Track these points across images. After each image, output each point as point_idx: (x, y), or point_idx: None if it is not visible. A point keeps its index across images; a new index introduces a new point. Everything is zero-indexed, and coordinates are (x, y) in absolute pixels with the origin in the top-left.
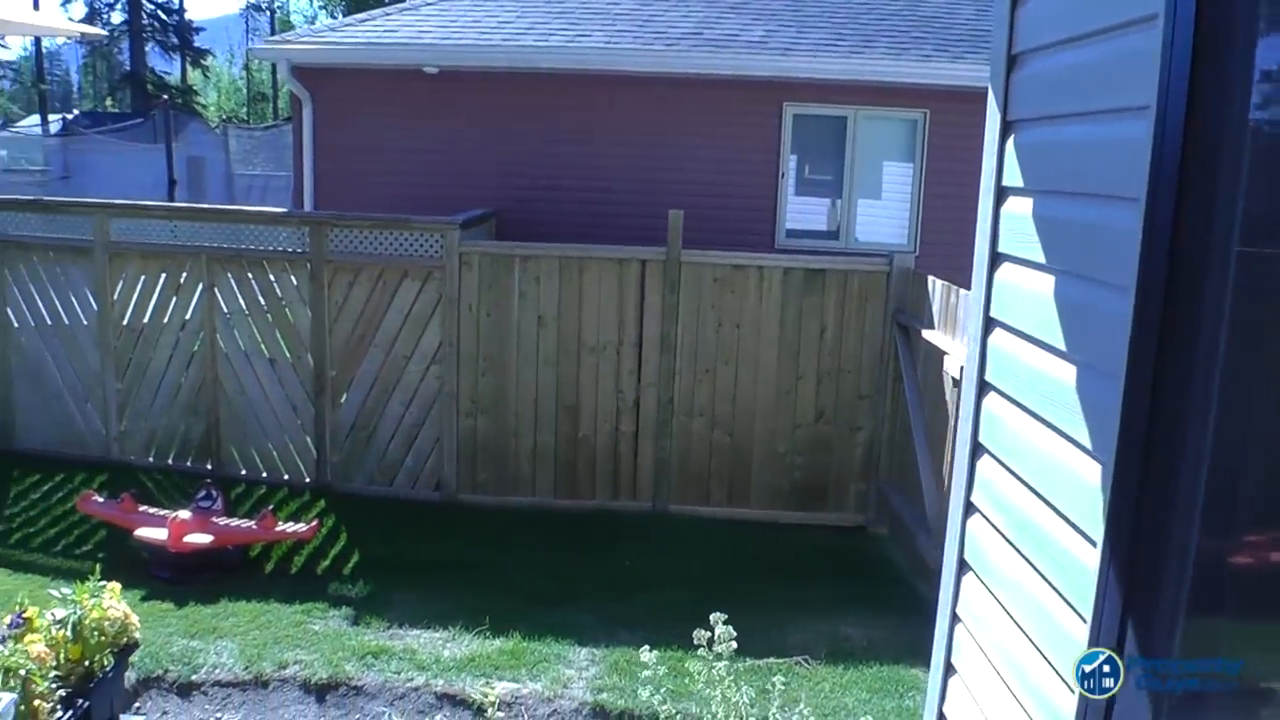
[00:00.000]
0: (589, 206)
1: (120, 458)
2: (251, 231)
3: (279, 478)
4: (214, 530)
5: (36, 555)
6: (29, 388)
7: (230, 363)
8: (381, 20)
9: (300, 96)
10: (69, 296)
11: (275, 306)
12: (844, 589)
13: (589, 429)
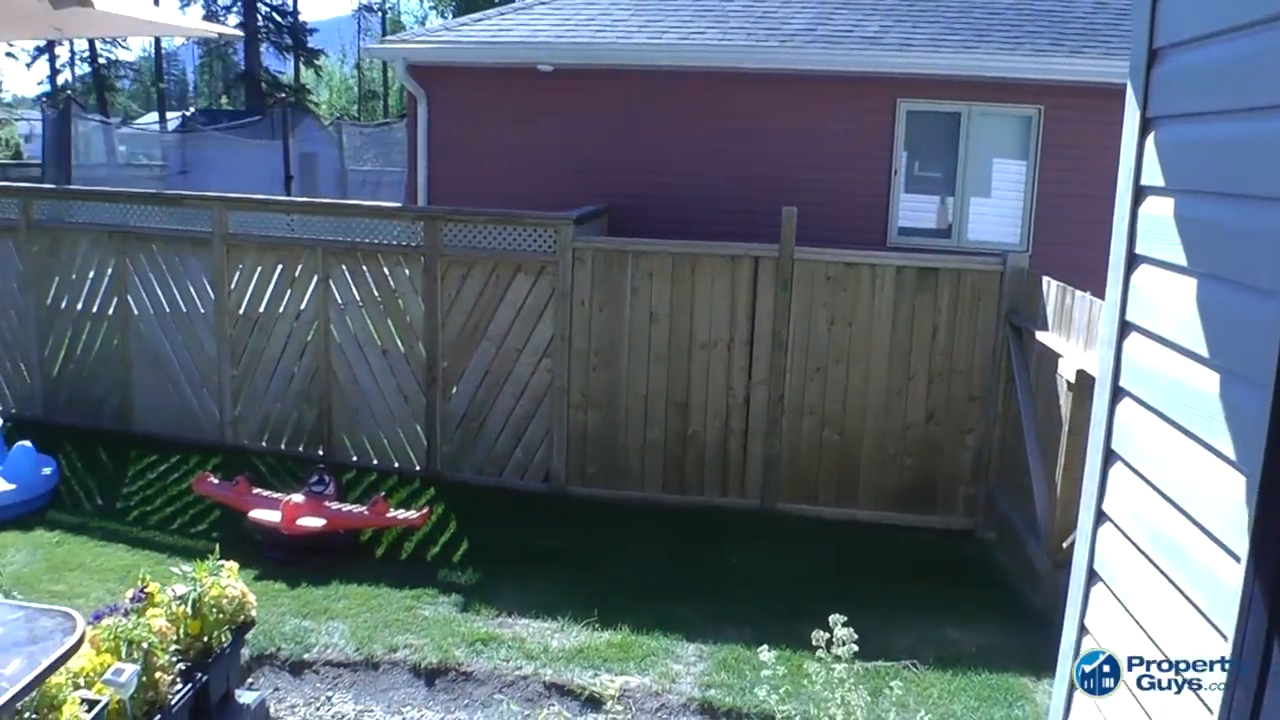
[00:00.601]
0: (700, 203)
1: (234, 441)
2: (367, 225)
3: (389, 465)
4: (326, 514)
5: (153, 532)
6: (147, 373)
7: (344, 352)
8: (496, 19)
9: (415, 94)
10: (187, 286)
11: (389, 298)
12: (951, 594)
13: (699, 425)
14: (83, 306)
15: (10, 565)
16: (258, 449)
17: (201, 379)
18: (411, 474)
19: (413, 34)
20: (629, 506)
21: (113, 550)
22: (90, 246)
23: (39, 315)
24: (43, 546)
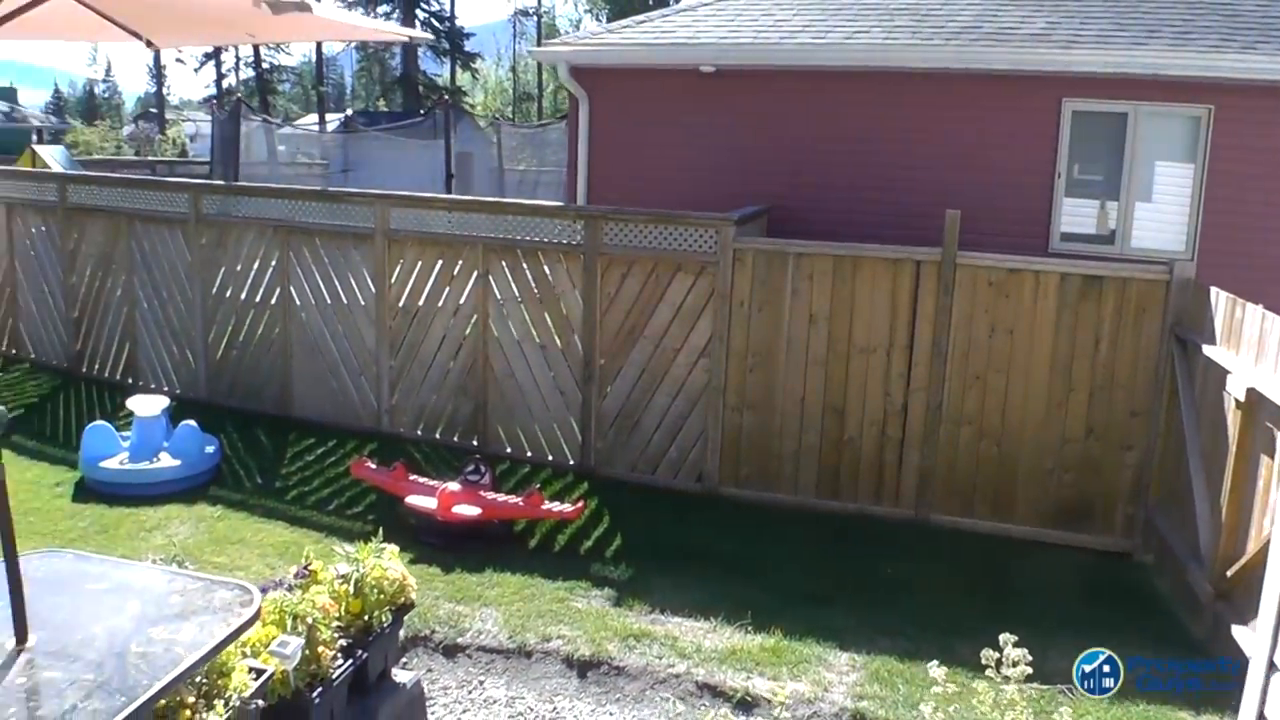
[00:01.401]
0: (858, 205)
1: (389, 429)
2: (528, 223)
3: (543, 458)
4: (482, 503)
5: (310, 512)
6: (307, 360)
7: (501, 347)
8: (659, 21)
9: (577, 96)
10: (348, 279)
11: (548, 295)
12: (1107, 617)
13: (855, 431)
14: (246, 296)
15: (175, 536)
16: (413, 437)
17: (360, 368)
18: (565, 468)
19: (576, 37)
20: (781, 510)
21: (272, 527)
22: (256, 239)
23: (204, 304)
24: (205, 520)
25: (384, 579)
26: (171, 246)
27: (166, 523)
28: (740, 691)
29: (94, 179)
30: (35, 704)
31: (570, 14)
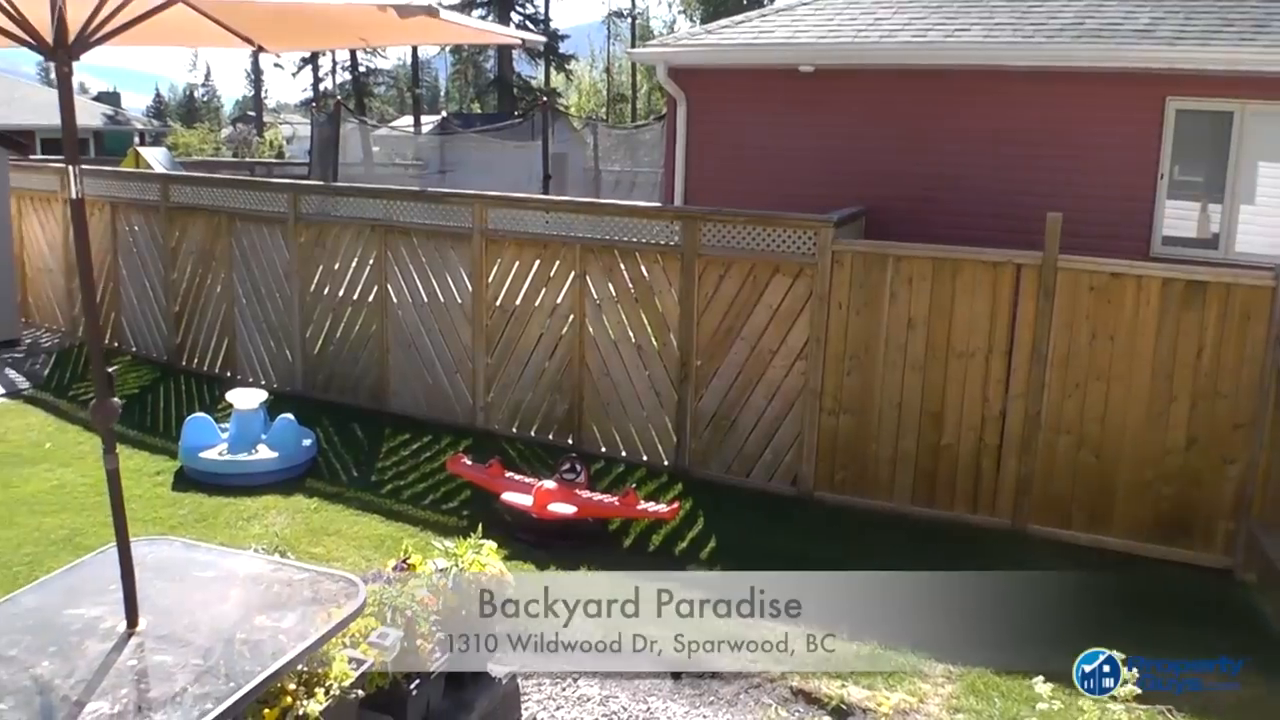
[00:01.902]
0: (957, 206)
1: (484, 426)
2: (625, 224)
3: (637, 458)
4: (577, 501)
5: (406, 506)
6: (403, 357)
7: (598, 346)
8: (757, 21)
9: (675, 96)
10: (445, 277)
11: (645, 296)
12: (1205, 637)
13: (951, 438)
14: (344, 293)
15: (272, 526)
16: (507, 434)
17: (455, 365)
18: (659, 469)
19: (674, 38)
20: (875, 516)
21: (367, 520)
22: (354, 239)
23: (302, 300)
24: (301, 511)
25: (482, 575)
26: (270, 245)
27: (264, 513)
28: (835, 699)
29: (196, 179)
30: (145, 686)
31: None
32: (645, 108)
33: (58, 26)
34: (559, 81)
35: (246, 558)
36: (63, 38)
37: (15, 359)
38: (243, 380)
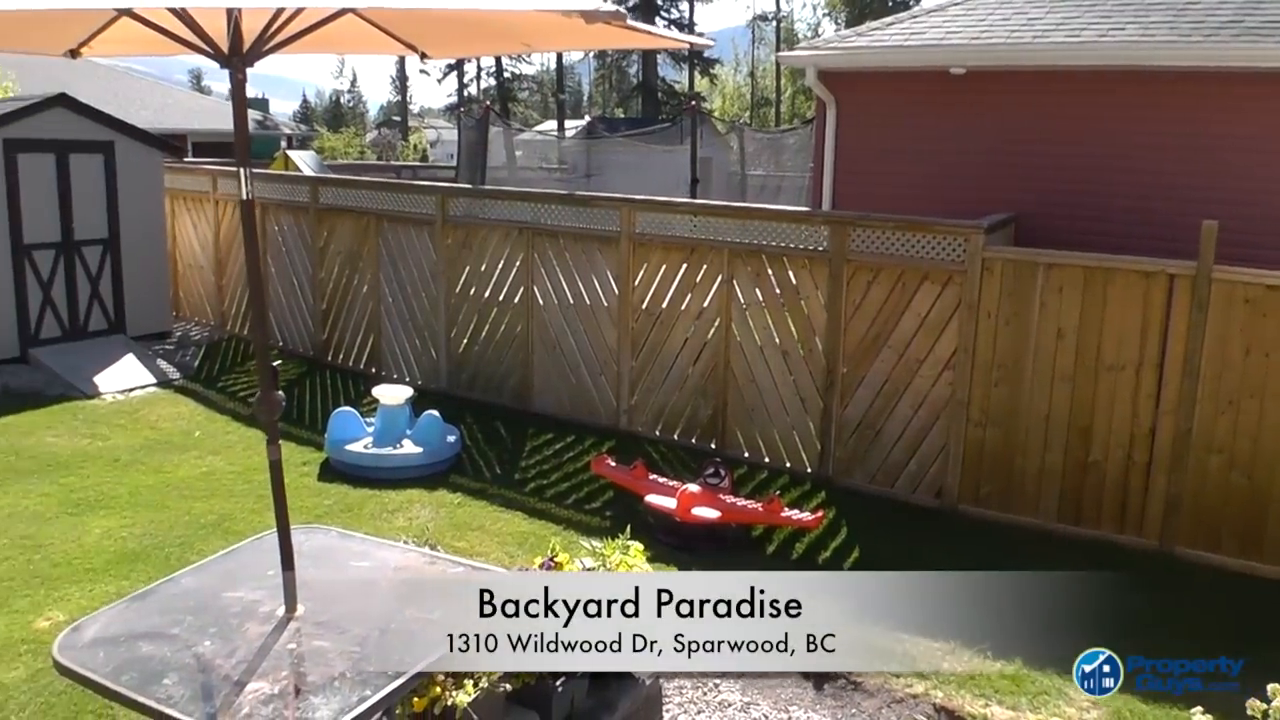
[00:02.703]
0: (1109, 213)
1: (627, 428)
2: (773, 229)
3: (780, 464)
4: (721, 506)
5: (549, 505)
6: (547, 357)
7: (743, 351)
8: (908, 23)
9: (825, 100)
10: (591, 280)
11: (792, 301)
12: None
13: (1099, 454)
14: (490, 294)
15: (416, 520)
16: (650, 437)
17: (600, 367)
18: (802, 476)
19: (824, 40)
20: (1019, 532)
21: (510, 516)
22: (501, 241)
23: (448, 300)
24: (445, 506)
25: None
26: (418, 246)
27: (408, 506)
28: (979, 719)
29: (344, 182)
30: (304, 670)
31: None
32: (789, 111)
33: (233, 36)
34: (703, 86)
35: (401, 550)
36: (238, 46)
37: (166, 350)
38: (387, 376)
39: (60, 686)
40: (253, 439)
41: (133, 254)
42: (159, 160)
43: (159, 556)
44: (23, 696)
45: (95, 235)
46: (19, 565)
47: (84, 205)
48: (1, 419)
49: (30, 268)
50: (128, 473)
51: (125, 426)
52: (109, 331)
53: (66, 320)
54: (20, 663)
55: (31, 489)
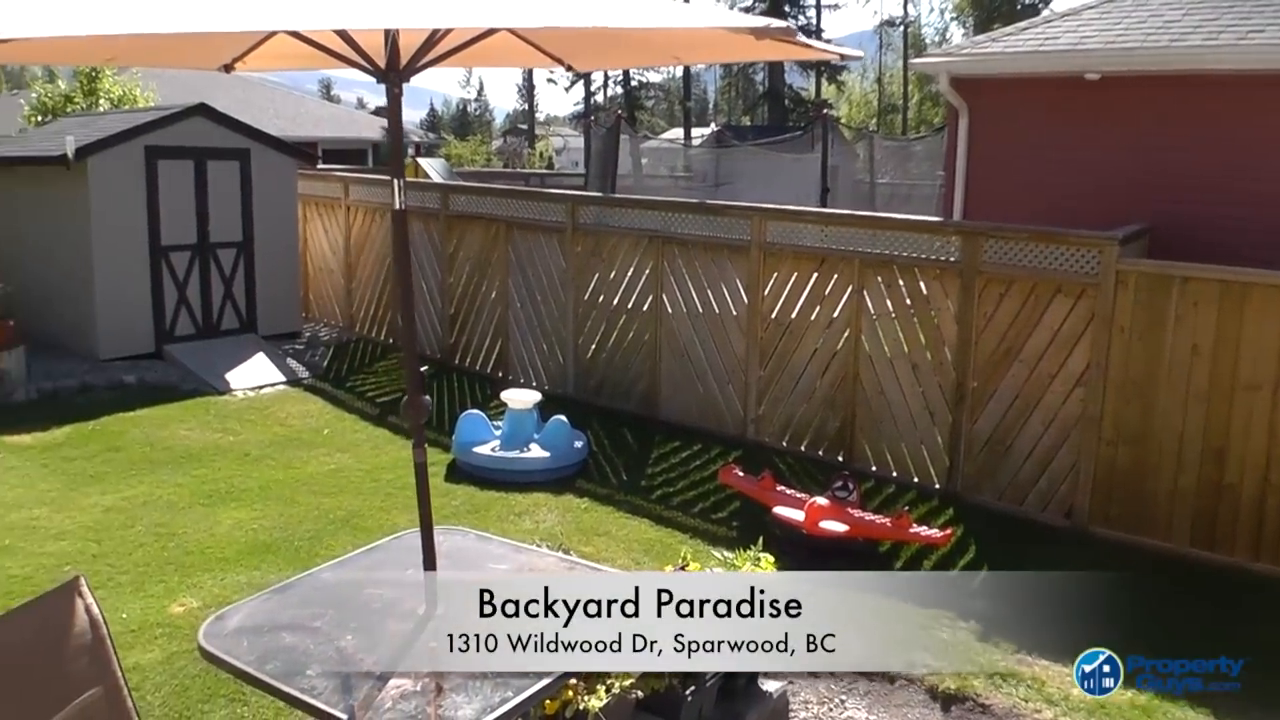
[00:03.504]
0: (1247, 224)
1: (754, 438)
2: (904, 239)
3: (907, 479)
4: (849, 520)
5: (675, 513)
6: (675, 366)
7: (872, 363)
8: (1042, 27)
9: (957, 107)
10: (721, 289)
11: (922, 313)
12: None
13: (1234, 476)
14: (618, 302)
15: (543, 523)
16: (777, 448)
17: (728, 376)
18: (929, 491)
19: (957, 46)
20: (1150, 555)
21: (636, 523)
22: (631, 249)
23: (576, 307)
24: (572, 511)
25: None
26: (547, 253)
27: (535, 509)
28: None
29: (474, 189)
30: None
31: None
32: (916, 118)
33: (390, 53)
34: (829, 92)
35: (538, 554)
36: (395, 62)
37: (296, 350)
38: (514, 380)
39: (194, 670)
40: (380, 439)
41: (265, 257)
42: (293, 167)
43: (289, 549)
44: (159, 677)
45: (230, 238)
46: (154, 551)
47: (220, 209)
48: (137, 411)
49: (167, 268)
50: (258, 467)
51: (255, 422)
52: (241, 331)
53: (200, 319)
54: (156, 645)
55: (166, 479)
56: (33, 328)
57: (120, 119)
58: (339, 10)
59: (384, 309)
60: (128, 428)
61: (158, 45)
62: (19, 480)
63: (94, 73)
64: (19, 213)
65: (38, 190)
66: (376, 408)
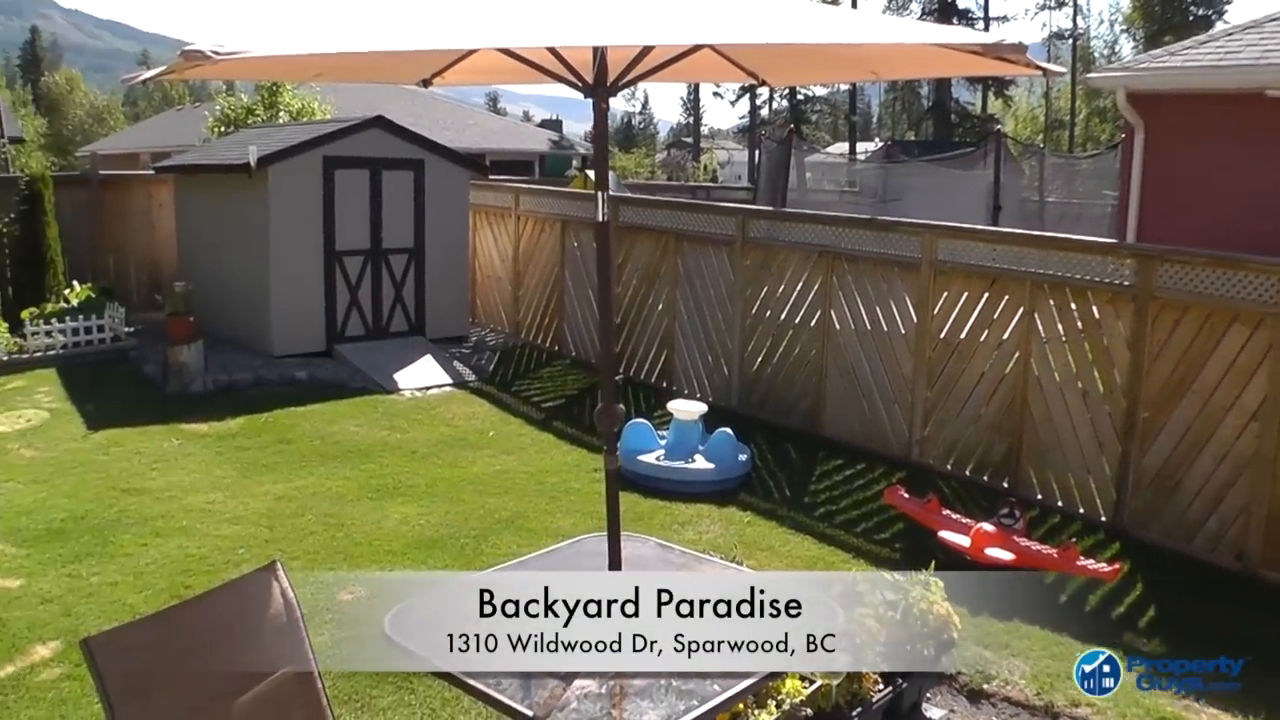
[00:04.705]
0: None
1: (918, 459)
2: (1074, 260)
3: (1072, 509)
4: (1015, 549)
5: (838, 531)
6: (840, 383)
7: (1041, 388)
8: (1223, 41)
9: (1133, 123)
10: (889, 307)
11: (1093, 338)
12: None
13: None
14: (785, 316)
15: (705, 534)
16: (941, 471)
17: (894, 395)
18: (1094, 523)
19: (1135, 61)
20: None
21: (799, 540)
22: (800, 263)
23: (743, 320)
24: (735, 524)
25: (930, 613)
26: (715, 266)
27: (698, 520)
28: None
29: (644, 201)
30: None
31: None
32: (1083, 134)
33: (598, 68)
34: (995, 107)
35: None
36: (602, 78)
37: (463, 354)
38: (678, 391)
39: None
40: (544, 443)
41: (436, 263)
42: (465, 177)
43: (454, 546)
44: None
45: (402, 244)
46: (323, 540)
47: (393, 217)
48: (308, 406)
49: (340, 272)
50: (424, 465)
51: (422, 421)
52: (409, 333)
53: (370, 321)
54: (325, 629)
55: (335, 472)
56: (211, 324)
57: (299, 130)
58: (551, 28)
59: (550, 316)
60: (298, 421)
61: (363, 63)
62: (196, 466)
63: (275, 87)
64: (203, 217)
65: (221, 196)
66: (541, 412)
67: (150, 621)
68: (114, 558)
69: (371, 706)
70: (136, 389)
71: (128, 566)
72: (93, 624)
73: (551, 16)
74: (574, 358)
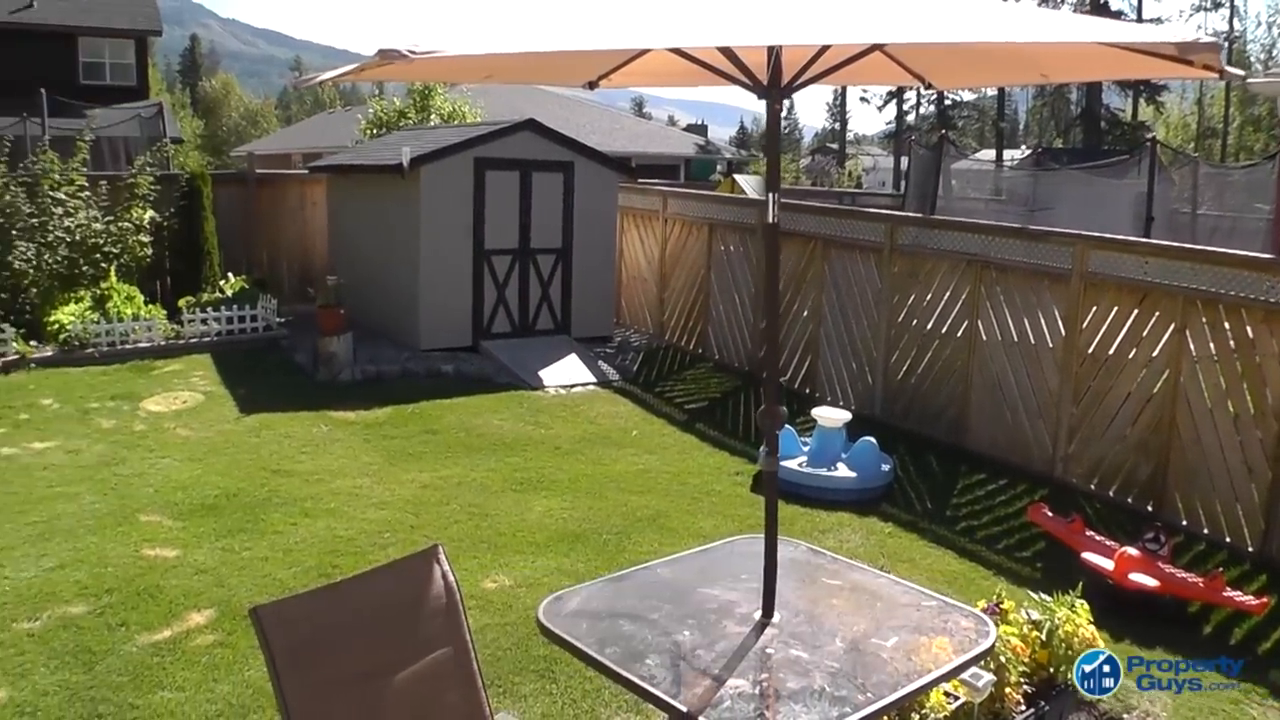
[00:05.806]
0: None
1: (1060, 477)
2: (1227, 275)
3: (1218, 537)
4: (1159, 575)
5: (979, 547)
6: (985, 395)
7: (1190, 409)
8: None
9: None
10: (1038, 319)
11: (1245, 358)
12: None
13: None
14: (932, 325)
15: (846, 543)
16: (1084, 489)
17: (1039, 410)
18: (1241, 554)
19: None
20: None
21: (939, 553)
22: (948, 272)
23: (888, 328)
24: (875, 534)
25: (1074, 635)
26: (863, 272)
27: (839, 528)
28: None
29: (791, 206)
30: (783, 675)
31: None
32: (1235, 144)
33: (773, 69)
34: (1147, 114)
35: (872, 575)
36: (777, 79)
37: (607, 353)
38: (820, 397)
39: (506, 643)
40: (687, 444)
41: (583, 264)
42: (614, 180)
43: (597, 541)
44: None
45: (550, 245)
46: (468, 529)
47: (541, 218)
48: (454, 399)
49: (488, 270)
50: (567, 460)
51: (565, 418)
52: (554, 332)
53: (516, 318)
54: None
55: (479, 464)
56: (361, 317)
57: (450, 133)
58: (726, 28)
59: (695, 318)
60: (444, 413)
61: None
62: (344, 452)
63: (427, 90)
64: (355, 214)
65: (373, 195)
66: (684, 414)
67: (316, 594)
68: (264, 534)
69: (514, 693)
70: (287, 376)
71: (278, 544)
72: (245, 595)
73: (725, 17)
74: (717, 361)
